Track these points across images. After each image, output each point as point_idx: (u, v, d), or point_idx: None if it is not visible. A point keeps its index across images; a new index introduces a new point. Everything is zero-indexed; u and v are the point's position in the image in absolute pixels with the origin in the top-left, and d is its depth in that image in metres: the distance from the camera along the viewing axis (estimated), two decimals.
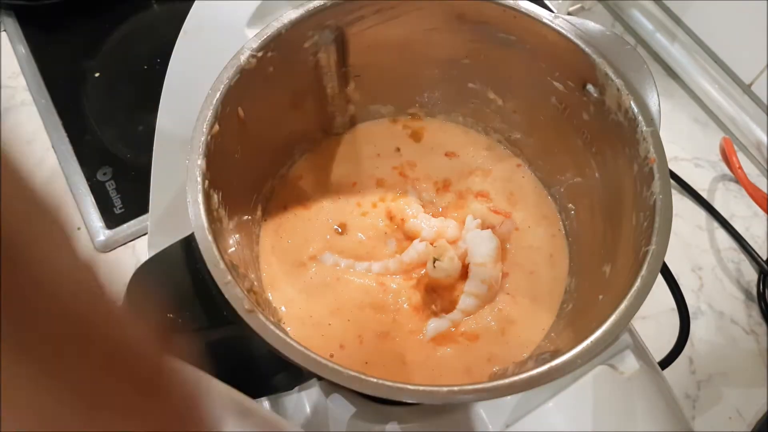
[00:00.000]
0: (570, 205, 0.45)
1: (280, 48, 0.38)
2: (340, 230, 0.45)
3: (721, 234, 0.63)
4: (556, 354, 0.31)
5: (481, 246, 0.42)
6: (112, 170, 0.61)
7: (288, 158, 0.47)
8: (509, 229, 0.45)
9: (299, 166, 0.47)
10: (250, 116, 0.39)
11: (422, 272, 0.43)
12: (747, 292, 0.60)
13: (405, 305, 0.42)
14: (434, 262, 0.41)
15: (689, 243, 0.63)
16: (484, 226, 0.44)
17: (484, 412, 0.40)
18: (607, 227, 0.40)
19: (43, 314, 0.14)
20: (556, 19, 0.39)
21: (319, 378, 0.30)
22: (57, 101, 0.65)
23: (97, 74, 0.68)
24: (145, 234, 0.58)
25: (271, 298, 0.42)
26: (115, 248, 0.58)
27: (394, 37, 0.43)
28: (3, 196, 0.13)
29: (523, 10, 0.39)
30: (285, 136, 0.45)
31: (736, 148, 0.63)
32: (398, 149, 0.49)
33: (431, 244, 0.43)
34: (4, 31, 0.69)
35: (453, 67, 0.45)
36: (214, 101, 0.35)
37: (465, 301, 0.41)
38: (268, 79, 0.39)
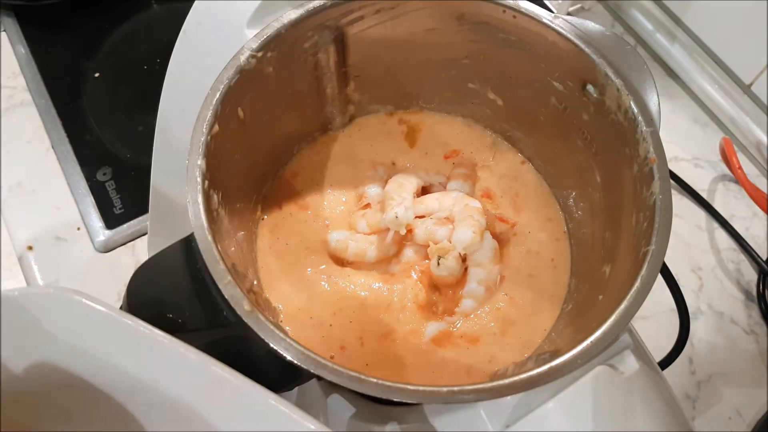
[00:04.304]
0: (571, 205, 0.45)
1: (280, 48, 0.38)
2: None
3: (721, 234, 0.63)
4: (556, 354, 0.31)
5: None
6: (112, 170, 0.61)
7: (288, 158, 0.47)
8: (508, 230, 0.45)
9: (294, 163, 0.47)
10: (249, 116, 0.39)
11: (421, 271, 0.43)
12: (747, 293, 0.60)
13: (408, 304, 0.42)
14: (438, 260, 0.41)
15: (689, 243, 0.63)
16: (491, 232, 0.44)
17: (484, 412, 0.40)
18: (607, 227, 0.40)
19: None
20: (556, 20, 0.39)
21: (319, 378, 0.30)
22: (57, 101, 0.65)
23: (97, 74, 0.68)
24: (145, 234, 0.58)
25: (270, 298, 0.42)
26: (115, 248, 0.58)
27: (394, 37, 0.43)
28: None
29: (523, 10, 0.39)
30: (285, 137, 0.45)
31: (735, 148, 0.63)
32: (397, 148, 0.48)
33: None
34: (4, 31, 0.70)
35: (453, 67, 0.45)
36: (214, 101, 0.35)
37: (464, 303, 0.41)
38: (267, 80, 0.39)
